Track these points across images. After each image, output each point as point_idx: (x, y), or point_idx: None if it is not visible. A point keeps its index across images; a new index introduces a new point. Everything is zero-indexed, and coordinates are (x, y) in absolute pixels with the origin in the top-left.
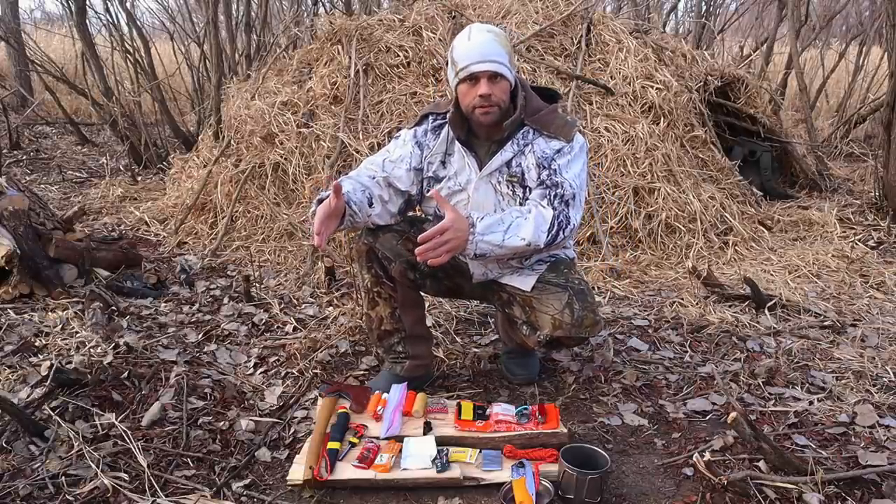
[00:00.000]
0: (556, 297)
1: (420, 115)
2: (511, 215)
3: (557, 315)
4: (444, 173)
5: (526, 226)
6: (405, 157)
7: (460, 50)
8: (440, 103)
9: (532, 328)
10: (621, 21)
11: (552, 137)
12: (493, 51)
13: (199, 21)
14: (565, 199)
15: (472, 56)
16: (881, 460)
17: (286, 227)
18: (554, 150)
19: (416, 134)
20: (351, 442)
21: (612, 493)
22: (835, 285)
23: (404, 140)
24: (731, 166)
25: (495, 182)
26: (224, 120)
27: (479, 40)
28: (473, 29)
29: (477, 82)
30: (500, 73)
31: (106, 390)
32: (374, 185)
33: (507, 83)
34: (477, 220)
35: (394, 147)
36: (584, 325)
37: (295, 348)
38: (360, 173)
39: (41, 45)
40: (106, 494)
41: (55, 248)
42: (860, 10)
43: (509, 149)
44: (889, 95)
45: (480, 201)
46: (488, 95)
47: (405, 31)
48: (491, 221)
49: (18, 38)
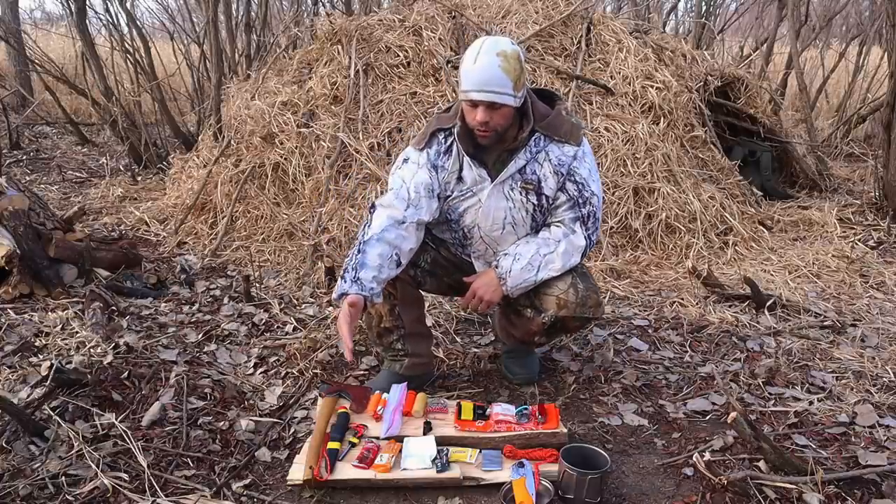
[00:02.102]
0: (560, 278)
1: (428, 135)
2: (539, 254)
3: (562, 294)
4: (459, 188)
5: (556, 261)
6: (427, 185)
7: (465, 71)
8: (443, 118)
9: (537, 310)
10: (621, 21)
11: (563, 142)
12: (495, 79)
13: (199, 21)
14: (597, 216)
15: (474, 82)
16: (881, 460)
17: (286, 227)
18: (570, 157)
19: (430, 157)
20: (351, 442)
21: (612, 493)
22: (835, 285)
23: (418, 164)
24: (731, 166)
25: (507, 190)
26: (224, 120)
27: (484, 65)
28: (483, 49)
29: (476, 106)
30: (497, 103)
31: (106, 390)
32: (403, 239)
33: (508, 109)
34: (507, 275)
35: (410, 176)
36: (588, 304)
37: (295, 348)
38: (385, 226)
39: (41, 45)
40: (106, 494)
41: (55, 248)
42: (860, 10)
43: (522, 156)
44: (889, 95)
45: (491, 209)
46: (485, 122)
47: (405, 31)
48: (520, 269)
49: (18, 38)
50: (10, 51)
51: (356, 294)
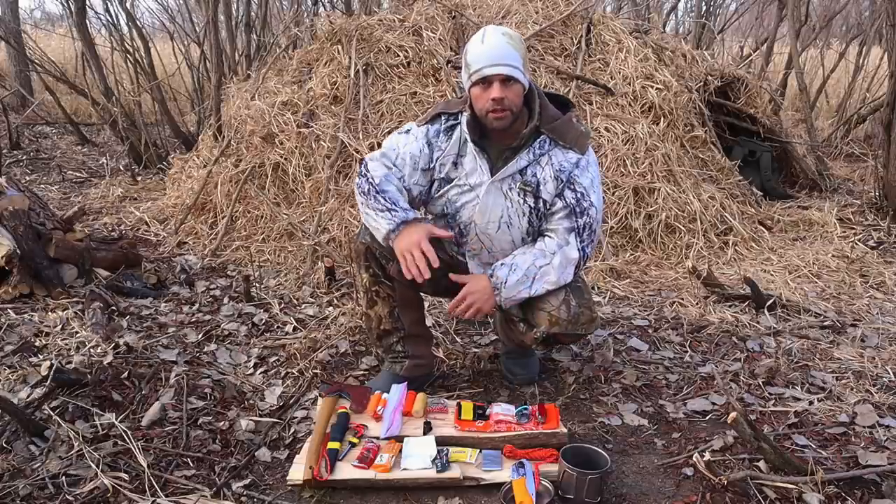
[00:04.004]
0: (553, 293)
1: (432, 115)
2: (535, 265)
3: (554, 311)
4: (456, 174)
5: (551, 273)
6: (414, 156)
7: (474, 52)
8: (451, 103)
9: (529, 325)
10: (621, 21)
11: (568, 149)
12: (507, 54)
13: (199, 21)
14: (593, 228)
15: (486, 59)
16: (881, 460)
17: (286, 227)
18: (572, 163)
19: (428, 133)
20: (351, 442)
21: (612, 493)
22: (835, 285)
23: (415, 137)
24: (731, 166)
25: (506, 188)
26: (224, 120)
27: (493, 43)
28: (488, 31)
29: (490, 85)
30: (513, 77)
31: (106, 390)
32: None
33: (520, 87)
34: (501, 285)
35: (404, 143)
36: (581, 321)
37: (295, 348)
38: (387, 172)
39: (41, 45)
40: (106, 494)
41: (55, 248)
42: (860, 10)
43: (525, 157)
44: (889, 95)
45: (489, 205)
46: (501, 99)
47: (405, 31)
48: (514, 281)
49: (18, 38)
50: (10, 51)
51: (414, 217)
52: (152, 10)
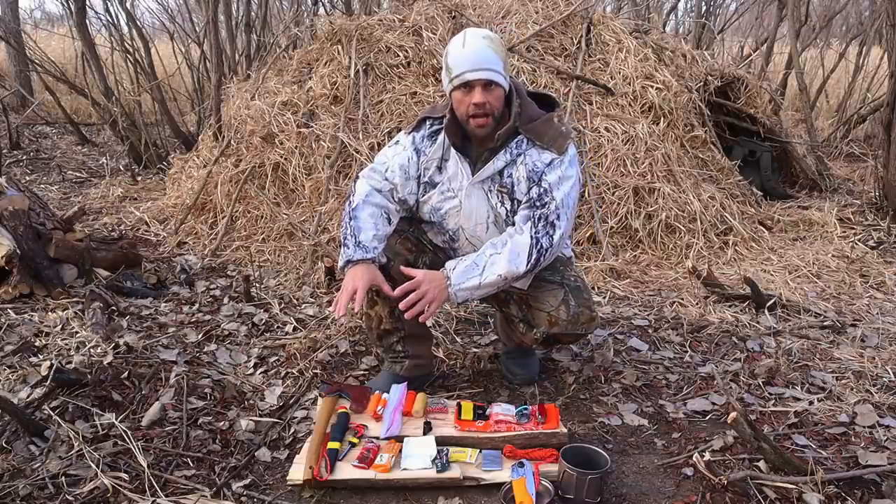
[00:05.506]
0: (552, 293)
1: (417, 120)
2: (485, 254)
3: (553, 312)
4: (440, 178)
5: (500, 261)
6: (404, 166)
7: (454, 56)
8: (437, 106)
9: (529, 325)
10: (621, 21)
11: (545, 149)
12: (488, 58)
13: (199, 21)
14: (550, 220)
15: (467, 63)
16: (881, 460)
17: (286, 227)
18: (545, 164)
19: (415, 140)
20: (351, 442)
21: (612, 493)
22: (835, 285)
23: (403, 146)
24: (731, 166)
25: (487, 189)
26: (224, 120)
27: (474, 47)
28: (468, 34)
29: (471, 90)
30: (494, 81)
31: (106, 390)
32: (387, 201)
33: (501, 91)
34: (451, 272)
35: (392, 154)
36: (580, 321)
37: (295, 348)
38: (368, 192)
39: (41, 45)
40: (106, 494)
41: (55, 248)
42: (860, 10)
43: (502, 157)
44: (889, 95)
45: (473, 208)
46: (483, 104)
47: (405, 32)
48: (464, 267)
49: (18, 38)
50: (10, 51)
51: (361, 258)
52: (152, 10)
